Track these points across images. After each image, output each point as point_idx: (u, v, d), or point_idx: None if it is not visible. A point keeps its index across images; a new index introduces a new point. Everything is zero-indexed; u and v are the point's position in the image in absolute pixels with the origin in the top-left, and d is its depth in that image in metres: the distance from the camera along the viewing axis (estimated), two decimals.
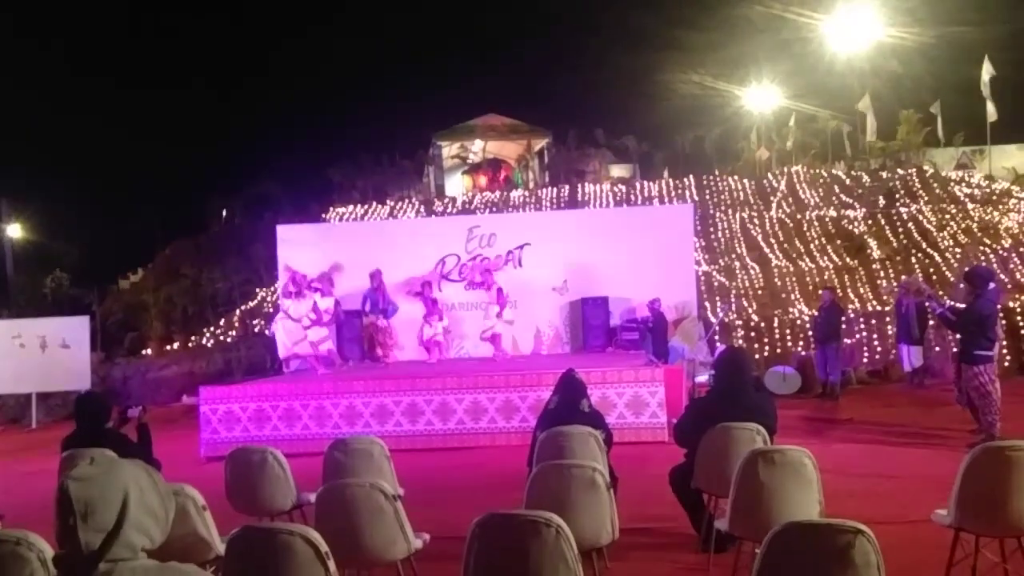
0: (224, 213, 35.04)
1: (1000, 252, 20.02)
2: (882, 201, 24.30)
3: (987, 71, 27.74)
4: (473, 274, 16.16)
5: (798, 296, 19.67)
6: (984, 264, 16.69)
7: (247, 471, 6.07)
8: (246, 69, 71.69)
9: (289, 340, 13.71)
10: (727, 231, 23.88)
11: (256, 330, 22.11)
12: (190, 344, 22.57)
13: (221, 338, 22.44)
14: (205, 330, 23.26)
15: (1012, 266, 19.22)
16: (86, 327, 18.43)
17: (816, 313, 15.71)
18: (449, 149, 36.92)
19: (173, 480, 3.15)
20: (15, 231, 33.13)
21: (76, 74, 59.35)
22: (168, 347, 22.60)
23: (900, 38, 30.85)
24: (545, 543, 3.55)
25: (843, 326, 15.62)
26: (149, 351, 22.51)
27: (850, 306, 18.27)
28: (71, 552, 2.04)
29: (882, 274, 20.18)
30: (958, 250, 20.77)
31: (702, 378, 12.12)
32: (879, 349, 17.03)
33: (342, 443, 6.19)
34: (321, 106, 68.29)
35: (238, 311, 23.69)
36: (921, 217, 22.91)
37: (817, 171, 28.21)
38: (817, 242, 22.54)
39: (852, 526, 3.23)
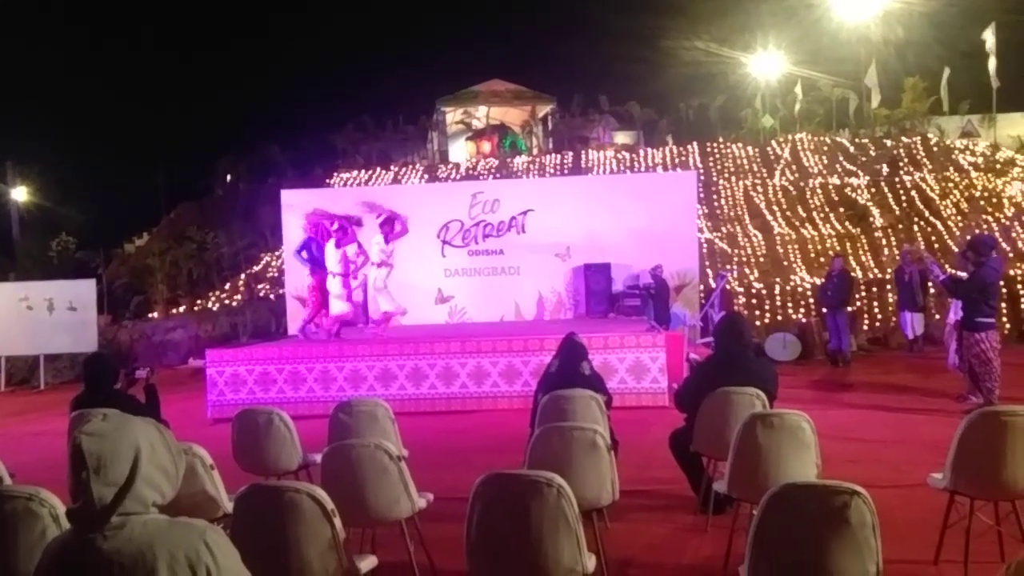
0: (228, 177, 34.89)
1: (1002, 221, 19.99)
2: (885, 169, 24.19)
3: (991, 35, 27.30)
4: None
5: (800, 264, 19.68)
6: (987, 232, 16.70)
7: (254, 432, 6.13)
8: (249, 33, 71.16)
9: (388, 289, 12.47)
10: (730, 198, 23.82)
11: (262, 294, 22.18)
12: (196, 308, 22.67)
13: (227, 302, 22.53)
14: (211, 294, 23.34)
15: (1014, 235, 19.23)
16: (93, 290, 18.50)
17: (824, 280, 15.70)
18: (453, 115, 36.64)
19: (181, 441, 3.20)
20: (21, 195, 33.14)
21: (85, 37, 58.96)
22: (174, 310, 22.70)
23: (907, 3, 30.42)
24: (546, 502, 3.58)
25: (854, 293, 15.69)
26: (155, 314, 22.62)
27: (851, 274, 18.28)
28: (84, 506, 2.09)
29: (884, 242, 20.15)
30: (960, 219, 20.75)
31: (696, 356, 12.11)
32: (879, 317, 17.08)
33: (347, 405, 6.25)
34: (325, 72, 67.72)
35: (243, 275, 23.75)
36: (924, 185, 22.84)
37: (821, 139, 28.05)
38: (820, 210, 22.49)
39: (848, 487, 3.25)
